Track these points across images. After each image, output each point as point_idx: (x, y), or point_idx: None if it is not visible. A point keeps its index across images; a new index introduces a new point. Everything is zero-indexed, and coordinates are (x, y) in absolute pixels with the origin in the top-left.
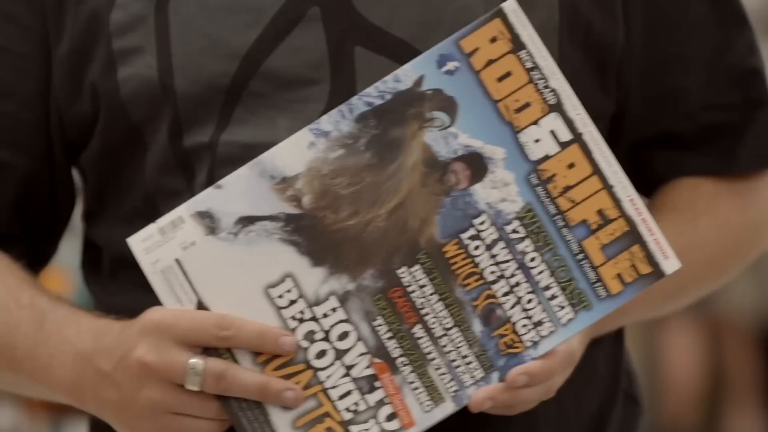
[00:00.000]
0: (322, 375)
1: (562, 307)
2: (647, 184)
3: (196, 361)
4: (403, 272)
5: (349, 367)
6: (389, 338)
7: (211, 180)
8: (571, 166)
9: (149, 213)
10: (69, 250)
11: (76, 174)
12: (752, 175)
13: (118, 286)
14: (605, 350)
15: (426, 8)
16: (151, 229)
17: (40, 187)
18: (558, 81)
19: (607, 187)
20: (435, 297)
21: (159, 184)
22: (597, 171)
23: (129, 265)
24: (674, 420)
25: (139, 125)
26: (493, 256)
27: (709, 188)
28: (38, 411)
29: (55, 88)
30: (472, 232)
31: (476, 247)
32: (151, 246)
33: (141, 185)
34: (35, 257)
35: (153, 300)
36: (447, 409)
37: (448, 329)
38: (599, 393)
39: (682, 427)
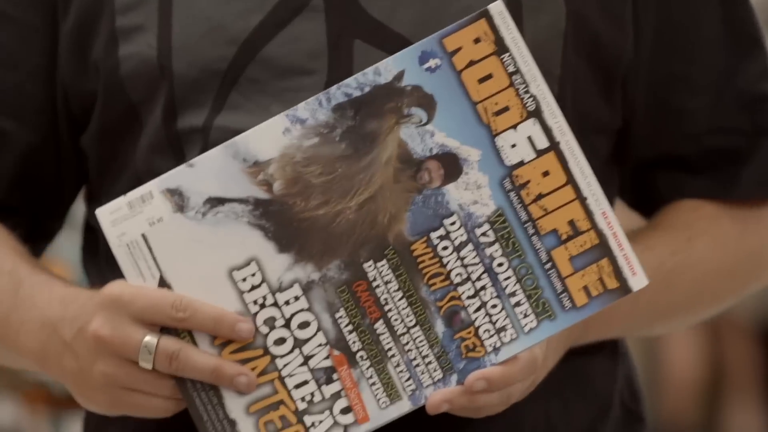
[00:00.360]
0: (279, 362)
1: (526, 315)
2: (650, 205)
3: (149, 339)
4: (369, 266)
5: (307, 357)
6: (350, 331)
7: None
8: (545, 174)
9: None
10: (69, 244)
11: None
12: (754, 202)
13: (111, 268)
14: (601, 364)
15: (427, 6)
16: (119, 201)
17: (44, 162)
18: (539, 87)
19: (581, 198)
20: (399, 294)
21: (150, 166)
22: (571, 181)
23: None
24: (674, 415)
25: (137, 105)
26: (461, 258)
27: (709, 211)
28: (38, 406)
29: (61, 62)
30: (441, 231)
31: (444, 248)
32: (118, 219)
33: (134, 167)
34: (38, 233)
35: None
36: (403, 407)
37: (410, 327)
38: (592, 407)
39: (682, 423)
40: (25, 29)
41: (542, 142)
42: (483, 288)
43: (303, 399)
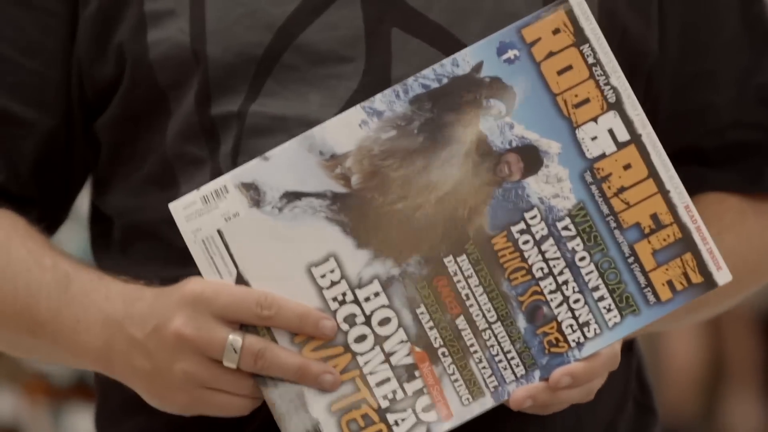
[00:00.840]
0: (360, 360)
1: (610, 310)
2: None
3: (235, 338)
4: (449, 261)
5: (388, 354)
6: (431, 327)
7: (236, 150)
8: (627, 167)
9: (166, 181)
10: (72, 239)
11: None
12: None
13: (129, 259)
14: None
15: None
16: (193, 195)
17: (58, 148)
18: (619, 79)
19: (663, 191)
20: (480, 289)
21: (180, 151)
22: (653, 174)
23: (142, 237)
24: (674, 406)
25: (165, 89)
26: (542, 252)
27: (734, 204)
28: (38, 397)
29: (79, 47)
30: (522, 225)
31: (525, 242)
32: (192, 214)
33: (160, 152)
34: (46, 223)
35: (167, 273)
36: (486, 404)
37: (492, 323)
38: (612, 400)
39: (683, 413)
40: (44, 15)
41: (623, 135)
42: (565, 282)
43: (385, 397)
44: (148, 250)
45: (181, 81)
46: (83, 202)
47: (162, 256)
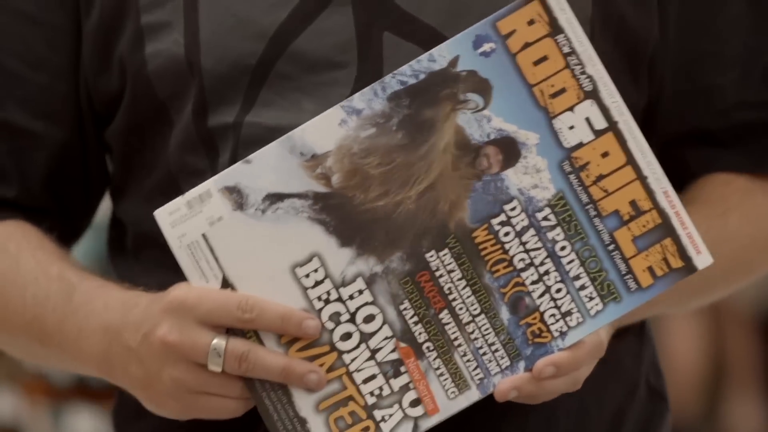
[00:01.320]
0: (346, 358)
1: (591, 298)
2: (680, 182)
3: (218, 342)
4: (431, 256)
5: (374, 351)
6: (415, 323)
7: (234, 161)
8: (605, 154)
9: (171, 191)
10: (79, 246)
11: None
12: None
13: (142, 265)
14: (628, 344)
15: None
16: (178, 202)
17: (71, 160)
18: (595, 67)
19: (641, 177)
20: (463, 282)
21: (182, 162)
22: (631, 161)
23: (152, 244)
24: (675, 407)
25: (165, 101)
26: (523, 243)
27: (741, 184)
28: (38, 397)
29: (84, 60)
30: (502, 217)
31: (506, 234)
32: (177, 219)
33: (164, 162)
34: (67, 232)
35: (177, 280)
36: (472, 396)
37: (476, 316)
38: (621, 387)
39: (683, 414)
40: (50, 30)
41: (600, 123)
42: (546, 273)
43: (372, 393)
44: (158, 256)
45: (179, 93)
46: (99, 209)
47: (169, 264)
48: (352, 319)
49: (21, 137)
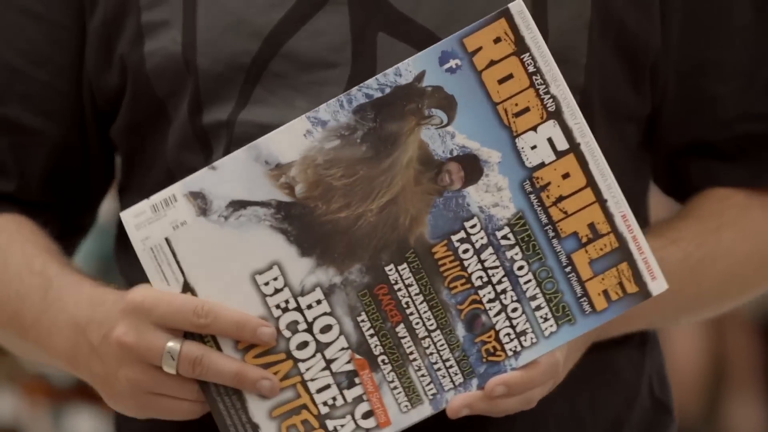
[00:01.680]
0: (302, 366)
1: (546, 319)
2: (684, 194)
3: (172, 345)
4: (390, 270)
5: (329, 361)
6: (372, 335)
7: None
8: (566, 176)
9: None
10: (81, 247)
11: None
12: None
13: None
14: (628, 355)
15: None
16: (143, 205)
17: (71, 157)
18: (559, 87)
19: (600, 200)
20: (420, 297)
21: (179, 160)
22: (591, 183)
23: None
24: (676, 407)
25: (163, 99)
26: (482, 261)
27: (739, 200)
28: (38, 398)
29: (87, 58)
30: (462, 234)
31: (465, 251)
32: (142, 222)
33: (163, 160)
34: (70, 230)
35: None
36: (424, 411)
37: (431, 331)
38: (619, 396)
39: (684, 416)
40: (54, 27)
41: (562, 144)
42: (503, 291)
43: (325, 403)
44: None
45: (176, 91)
46: (102, 210)
47: None
48: (309, 329)
49: (21, 133)
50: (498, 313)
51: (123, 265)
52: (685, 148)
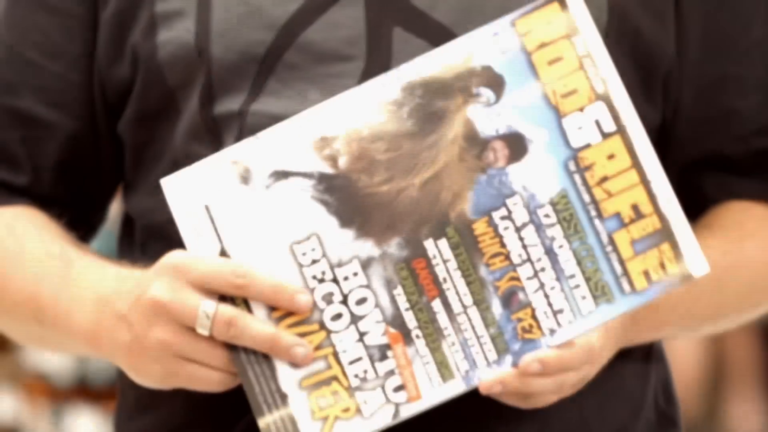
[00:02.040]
0: (335, 338)
1: (584, 298)
2: (697, 207)
3: (208, 304)
4: (429, 244)
5: (362, 334)
6: (407, 309)
7: None
8: (611, 157)
9: None
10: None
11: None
12: None
13: (147, 259)
14: (634, 366)
15: None
16: (185, 171)
17: (83, 150)
18: (609, 71)
19: (645, 182)
20: (458, 273)
21: (186, 151)
22: (636, 165)
23: (157, 237)
24: None
25: (175, 90)
26: (522, 239)
27: (759, 212)
28: (38, 398)
29: (99, 50)
30: (503, 212)
31: (506, 228)
32: (182, 188)
33: (171, 152)
34: (81, 225)
35: None
36: (456, 387)
37: (467, 307)
38: (625, 406)
39: (684, 415)
40: (67, 19)
41: (609, 126)
42: (542, 269)
43: (356, 375)
44: (161, 250)
45: (188, 81)
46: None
47: None
48: (344, 301)
49: (34, 126)
50: (536, 291)
51: (125, 260)
52: (700, 162)
